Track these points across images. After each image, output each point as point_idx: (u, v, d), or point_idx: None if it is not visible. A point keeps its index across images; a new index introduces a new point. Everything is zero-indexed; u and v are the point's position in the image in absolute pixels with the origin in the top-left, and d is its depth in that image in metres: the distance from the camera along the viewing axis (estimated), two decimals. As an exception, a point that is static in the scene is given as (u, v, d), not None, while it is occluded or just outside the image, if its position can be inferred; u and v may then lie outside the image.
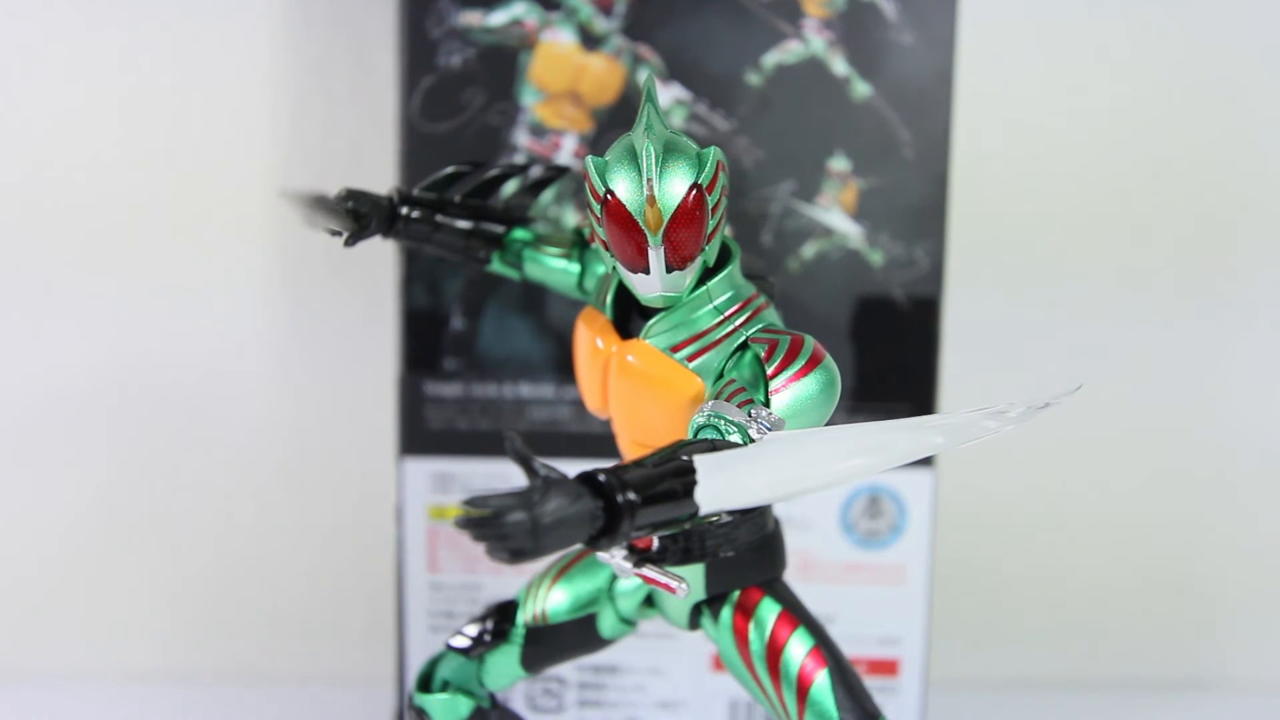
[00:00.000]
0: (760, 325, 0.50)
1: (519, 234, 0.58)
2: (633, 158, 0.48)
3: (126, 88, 0.83)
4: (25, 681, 0.87)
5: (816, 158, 0.74)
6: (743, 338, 0.50)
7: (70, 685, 0.87)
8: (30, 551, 0.88)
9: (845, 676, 0.51)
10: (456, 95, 0.74)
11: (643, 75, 0.73)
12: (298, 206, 0.52)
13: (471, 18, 0.74)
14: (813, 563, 0.77)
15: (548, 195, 0.60)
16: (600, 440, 0.67)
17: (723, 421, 0.45)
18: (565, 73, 0.74)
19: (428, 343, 0.76)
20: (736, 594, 0.53)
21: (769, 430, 0.44)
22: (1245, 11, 0.84)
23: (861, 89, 0.73)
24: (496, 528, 0.37)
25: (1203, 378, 0.88)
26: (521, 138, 0.75)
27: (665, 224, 0.48)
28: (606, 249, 0.50)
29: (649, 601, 0.56)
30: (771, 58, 0.74)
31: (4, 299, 0.85)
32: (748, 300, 0.51)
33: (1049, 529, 0.90)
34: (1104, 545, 0.90)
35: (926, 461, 0.76)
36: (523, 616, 0.56)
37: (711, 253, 0.49)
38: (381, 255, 0.82)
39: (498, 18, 0.74)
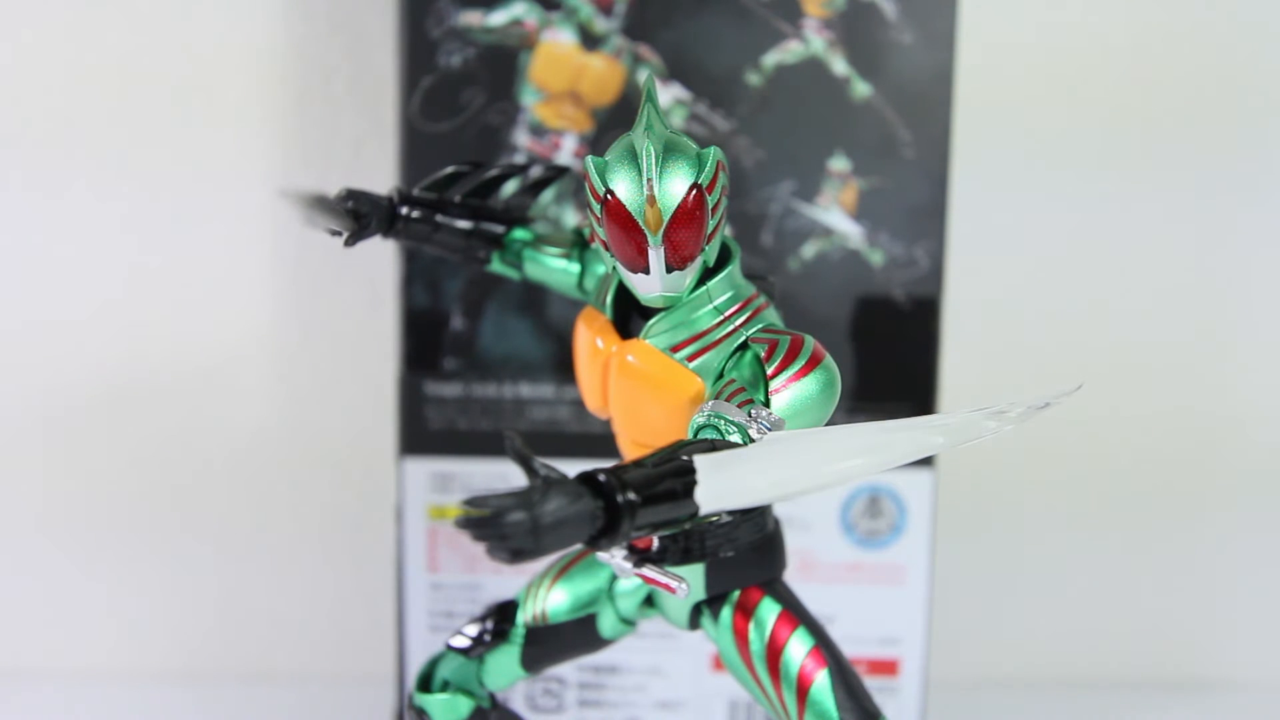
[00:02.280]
0: (760, 325, 0.50)
1: (519, 234, 0.58)
2: (633, 158, 0.48)
3: (126, 88, 0.83)
4: (25, 681, 0.87)
5: (816, 158, 0.74)
6: (743, 338, 0.50)
7: (70, 685, 0.87)
8: (29, 551, 0.88)
9: (845, 676, 0.51)
10: (456, 95, 0.74)
11: (643, 75, 0.73)
12: (298, 206, 0.52)
13: (471, 18, 0.74)
14: (813, 563, 0.77)
15: (548, 195, 0.60)
16: (600, 440, 0.67)
17: (723, 421, 0.45)
18: (565, 73, 0.74)
19: (428, 343, 0.76)
20: (736, 594, 0.53)
21: (769, 430, 0.44)
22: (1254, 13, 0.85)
23: (861, 89, 0.73)
24: (496, 528, 0.37)
25: (1203, 377, 0.88)
26: (521, 138, 0.75)
27: (665, 224, 0.48)
28: (606, 249, 0.50)
29: (649, 601, 0.56)
30: (771, 58, 0.74)
31: (5, 299, 0.85)
32: (748, 300, 0.51)
33: (1049, 528, 0.90)
34: (1104, 545, 0.90)
35: (926, 461, 0.76)
36: (523, 616, 0.56)
37: (711, 253, 0.49)
38: (381, 255, 0.82)
39: (498, 18, 0.74)
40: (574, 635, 0.57)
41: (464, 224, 0.58)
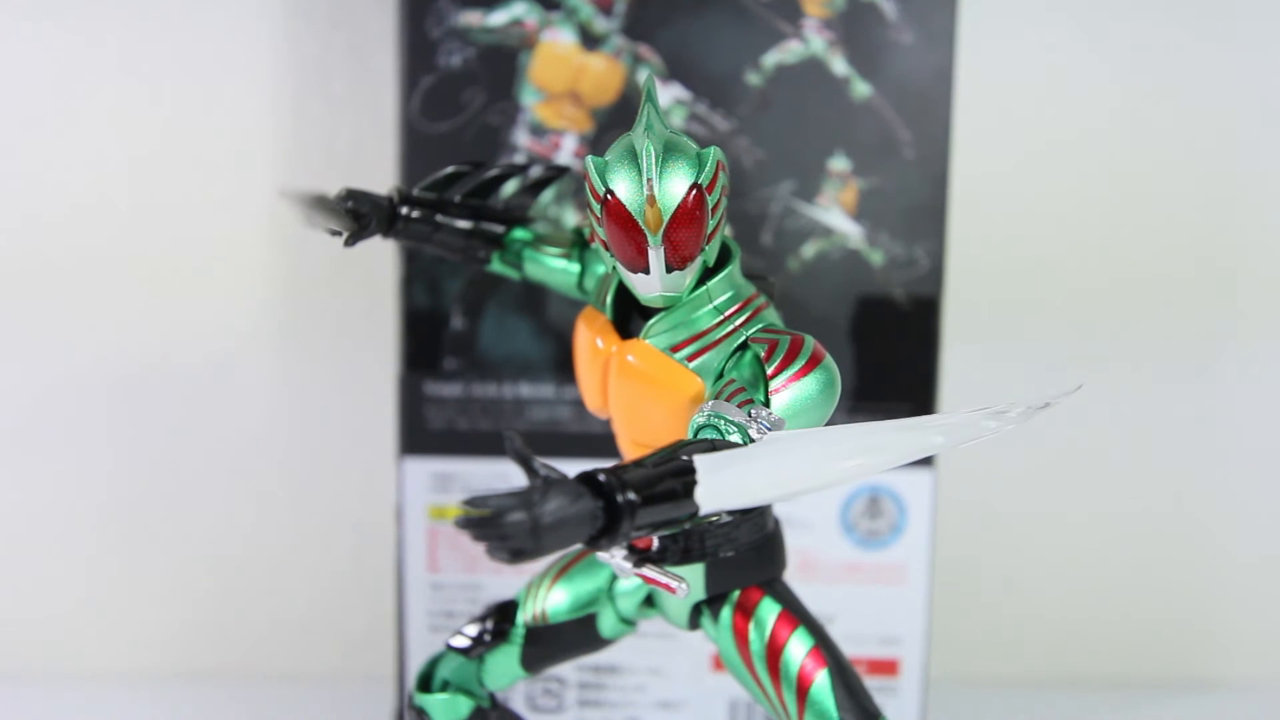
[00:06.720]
0: (760, 325, 0.50)
1: (519, 234, 0.58)
2: (633, 158, 0.48)
3: (127, 88, 0.83)
4: (25, 681, 0.87)
5: (816, 158, 0.74)
6: (743, 338, 0.50)
7: (70, 685, 0.87)
8: (30, 552, 0.88)
9: (845, 676, 0.51)
10: (456, 95, 0.74)
11: (643, 75, 0.73)
12: (298, 206, 0.52)
13: (471, 18, 0.74)
14: (813, 563, 0.77)
15: (548, 195, 0.60)
16: (600, 440, 0.67)
17: (723, 421, 0.45)
18: (565, 73, 0.74)
19: (428, 343, 0.76)
20: (736, 594, 0.53)
21: (769, 430, 0.44)
22: (1246, 9, 0.85)
23: (861, 89, 0.73)
24: (496, 528, 0.37)
25: (1200, 379, 0.88)
26: (521, 138, 0.75)
27: (665, 224, 0.48)
28: (606, 249, 0.50)
29: (649, 601, 0.56)
30: (771, 58, 0.74)
31: (6, 298, 0.85)
32: (748, 300, 0.51)
33: (1049, 529, 0.90)
34: (1104, 545, 0.90)
35: (926, 461, 0.76)
36: (523, 616, 0.56)
37: (711, 253, 0.49)
38: (381, 255, 0.82)
39: (498, 18, 0.74)
40: (574, 635, 0.57)
41: (464, 224, 0.58)
